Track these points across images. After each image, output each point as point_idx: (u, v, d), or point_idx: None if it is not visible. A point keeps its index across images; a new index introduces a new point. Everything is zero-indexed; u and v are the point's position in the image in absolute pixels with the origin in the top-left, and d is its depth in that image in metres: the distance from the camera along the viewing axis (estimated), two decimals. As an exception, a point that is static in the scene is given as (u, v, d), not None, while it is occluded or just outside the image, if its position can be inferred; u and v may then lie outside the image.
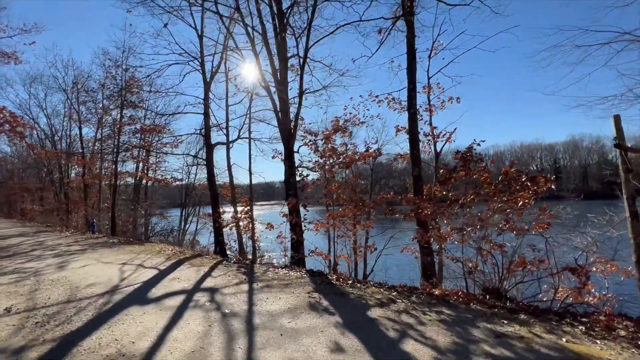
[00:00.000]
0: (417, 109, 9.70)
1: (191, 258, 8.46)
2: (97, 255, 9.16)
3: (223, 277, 6.15)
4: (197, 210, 28.95)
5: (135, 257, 8.70)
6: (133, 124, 17.29)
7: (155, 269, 7.01)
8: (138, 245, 11.15)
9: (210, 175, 13.62)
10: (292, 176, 9.54)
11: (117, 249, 10.33)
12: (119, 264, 7.74)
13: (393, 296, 4.78)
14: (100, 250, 10.19)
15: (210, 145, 13.87)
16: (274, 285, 5.45)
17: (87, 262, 8.10)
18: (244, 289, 5.27)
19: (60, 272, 6.96)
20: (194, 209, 28.67)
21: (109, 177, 20.94)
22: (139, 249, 10.23)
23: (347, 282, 5.65)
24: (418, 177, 8.84)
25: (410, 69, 9.04)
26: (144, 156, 19.13)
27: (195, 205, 28.48)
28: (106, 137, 19.89)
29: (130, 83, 16.57)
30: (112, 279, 6.19)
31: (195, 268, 6.98)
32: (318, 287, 5.25)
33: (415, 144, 8.98)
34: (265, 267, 7.02)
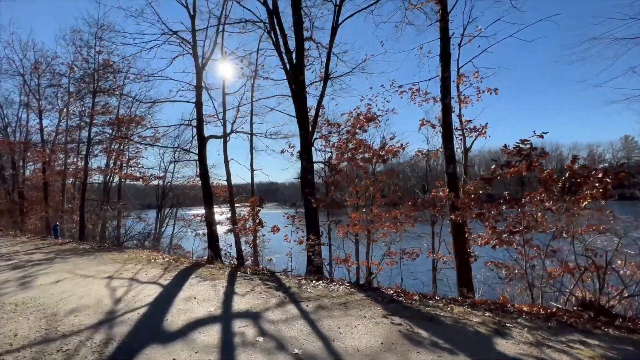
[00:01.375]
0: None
1: (194, 268, 6.98)
2: (70, 266, 7.40)
3: (253, 294, 4.83)
4: (175, 212, 26.72)
5: (121, 267, 7.08)
6: (108, 113, 15.18)
7: (156, 285, 5.51)
8: (118, 253, 9.39)
9: (203, 172, 12.00)
10: (309, 173, 8.35)
11: (94, 257, 8.55)
12: (103, 277, 6.13)
13: (492, 318, 3.76)
14: (73, 259, 8.36)
15: (203, 138, 12.26)
16: (328, 305, 4.24)
17: (59, 275, 6.39)
18: (292, 312, 4.02)
19: (25, 292, 5.27)
20: (171, 210, 26.42)
21: (74, 174, 18.49)
22: (122, 257, 8.52)
23: (412, 299, 4.56)
24: (453, 175, 7.96)
25: (444, 55, 8.17)
26: (119, 150, 16.92)
27: (172, 207, 26.24)
28: (73, 128, 17.48)
29: (105, 65, 14.53)
30: (102, 301, 4.67)
31: (208, 282, 5.58)
32: (389, 307, 4.12)
33: (450, 138, 8.10)
34: (295, 280, 5.76)
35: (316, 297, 4.60)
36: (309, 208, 8.23)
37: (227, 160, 11.33)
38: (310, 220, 8.22)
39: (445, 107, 8.13)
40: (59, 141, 19.26)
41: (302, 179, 8.32)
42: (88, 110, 14.64)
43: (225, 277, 5.99)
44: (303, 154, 8.29)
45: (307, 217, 8.23)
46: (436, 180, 10.18)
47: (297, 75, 8.05)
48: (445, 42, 8.16)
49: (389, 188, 7.36)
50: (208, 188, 12.06)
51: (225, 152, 11.44)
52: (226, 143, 11.62)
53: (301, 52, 8.33)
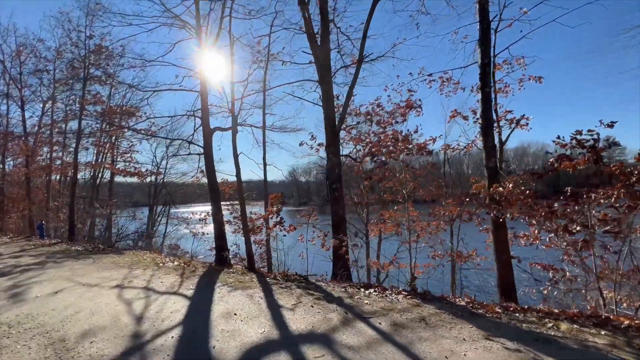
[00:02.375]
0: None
1: (214, 273, 6.12)
2: (66, 272, 6.42)
3: (303, 308, 4.03)
4: (168, 210, 25.49)
5: (128, 273, 6.15)
6: (100, 103, 13.95)
7: (179, 296, 4.65)
8: (117, 255, 8.42)
9: (209, 166, 11.04)
10: (337, 166, 7.57)
11: (92, 261, 7.56)
12: (111, 286, 5.21)
13: (614, 338, 3.10)
14: (68, 263, 7.35)
15: (208, 130, 11.30)
16: (404, 323, 3.50)
17: (57, 284, 5.43)
18: (367, 333, 3.26)
19: (19, 306, 4.33)
20: (164, 208, 25.17)
21: (61, 170, 17.14)
22: (124, 261, 7.57)
23: (495, 311, 3.87)
24: (494, 169, 7.33)
25: (484, 40, 7.50)
26: (112, 143, 15.65)
27: (166, 205, 25.00)
28: (60, 119, 16.12)
29: (97, 49, 13.33)
30: (120, 319, 3.79)
31: (241, 292, 4.74)
32: (480, 324, 3.41)
33: (490, 129, 7.46)
34: (339, 287, 4.99)
35: (382, 311, 3.85)
36: (337, 205, 7.47)
37: (236, 154, 10.37)
38: (339, 218, 7.46)
39: (485, 96, 7.47)
40: (43, 133, 17.80)
41: (329, 174, 7.53)
42: (78, 98, 13.40)
43: (257, 284, 5.16)
44: (330, 146, 7.51)
45: (335, 215, 7.47)
46: (460, 177, 9.57)
47: (324, 59, 7.25)
48: (485, 25, 7.50)
49: (430, 184, 6.68)
50: (215, 184, 11.11)
51: (234, 145, 10.47)
52: (235, 135, 10.67)
53: (326, 34, 7.53)
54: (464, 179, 8.80)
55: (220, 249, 10.40)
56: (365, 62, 6.96)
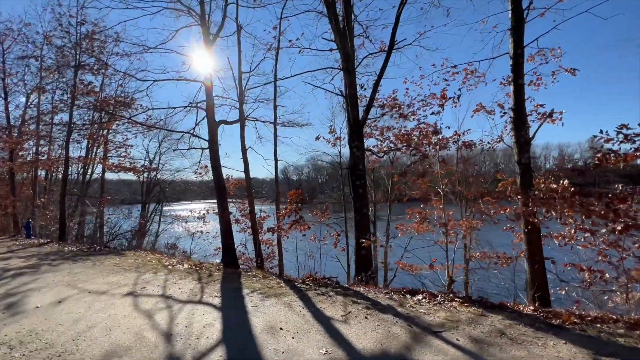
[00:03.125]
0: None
1: (233, 277, 5.53)
2: (66, 276, 5.74)
3: (357, 320, 3.52)
4: (161, 207, 24.56)
5: (137, 278, 5.51)
6: (93, 94, 13.03)
7: (205, 305, 4.07)
8: (117, 257, 7.72)
9: (215, 161, 10.38)
10: (361, 162, 7.07)
11: (92, 263, 6.86)
12: (123, 294, 4.58)
13: None
14: (65, 266, 6.64)
15: (213, 123, 10.63)
16: (484, 339, 3.03)
17: (58, 292, 4.77)
18: (454, 354, 2.77)
19: (18, 320, 3.68)
20: (157, 206, 24.24)
21: (49, 164, 16.10)
22: (127, 263, 6.90)
23: (571, 320, 3.45)
24: (527, 166, 6.94)
25: (517, 29, 7.11)
26: (104, 136, 14.69)
27: (159, 202, 24.07)
28: (47, 111, 15.10)
29: (91, 35, 12.45)
30: (145, 336, 3.20)
31: (276, 300, 4.19)
32: (573, 339, 2.96)
33: (523, 124, 7.06)
34: (382, 294, 4.49)
35: (449, 323, 3.37)
36: (361, 203, 6.97)
37: (244, 149, 9.79)
38: (362, 217, 6.97)
39: (518, 88, 7.06)
40: (28, 126, 16.69)
41: (352, 170, 7.02)
42: (70, 87, 12.47)
43: (289, 291, 4.62)
44: (353, 140, 6.99)
45: (358, 214, 6.97)
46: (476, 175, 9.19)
47: (348, 46, 6.72)
48: (518, 12, 7.10)
49: (466, 180, 6.26)
50: (221, 180, 10.46)
51: (242, 139, 9.88)
52: (243, 129, 10.04)
53: (350, 19, 7.01)
54: (474, 177, 8.45)
55: (228, 250, 9.80)
56: (391, 51, 6.45)
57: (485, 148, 8.12)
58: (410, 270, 6.40)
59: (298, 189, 7.50)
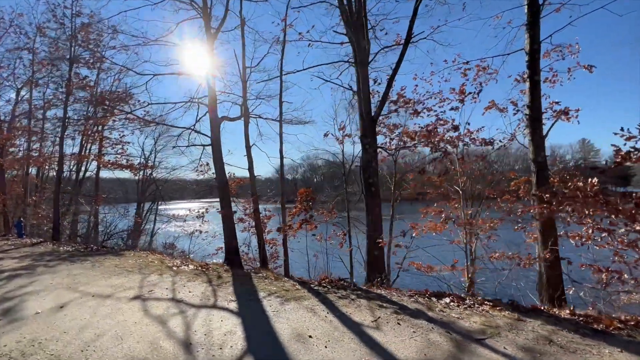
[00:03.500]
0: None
1: (245, 279, 5.25)
2: (65, 278, 5.39)
3: (393, 327, 3.27)
4: (156, 207, 24.03)
5: (142, 280, 5.19)
6: (90, 88, 12.59)
7: (220, 310, 3.79)
8: (116, 257, 7.37)
9: (218, 158, 10.07)
10: (374, 159, 6.85)
11: (91, 264, 6.50)
12: (129, 298, 4.27)
13: None
14: (63, 267, 6.28)
15: (216, 119, 10.31)
16: (544, 350, 2.79)
17: (58, 295, 4.43)
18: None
19: (17, 327, 3.36)
20: (153, 205, 23.72)
21: (42, 161, 15.58)
22: (129, 264, 6.57)
23: (613, 325, 3.26)
24: (543, 164, 6.80)
25: (534, 24, 6.95)
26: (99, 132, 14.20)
27: (155, 201, 23.54)
28: (39, 106, 14.56)
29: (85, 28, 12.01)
30: (161, 345, 2.91)
31: (296, 304, 3.92)
32: (637, 350, 2.77)
33: (539, 121, 6.92)
34: (407, 297, 4.26)
35: (490, 330, 3.15)
36: (374, 202, 6.75)
37: (248, 146, 9.50)
38: (375, 216, 6.74)
39: (534, 84, 6.91)
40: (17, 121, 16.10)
41: (365, 168, 6.79)
42: (64, 81, 11.97)
43: (308, 294, 4.36)
44: (366, 137, 6.75)
45: (371, 213, 6.74)
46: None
47: (362, 39, 6.48)
48: (535, 7, 6.94)
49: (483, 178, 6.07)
50: (224, 178, 10.16)
51: (246, 136, 9.59)
52: (247, 125, 9.74)
53: (362, 12, 6.76)
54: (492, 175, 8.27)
55: (231, 250, 9.49)
56: (409, 44, 6.23)
57: (496, 147, 7.96)
58: (427, 272, 6.19)
59: (308, 188, 7.22)
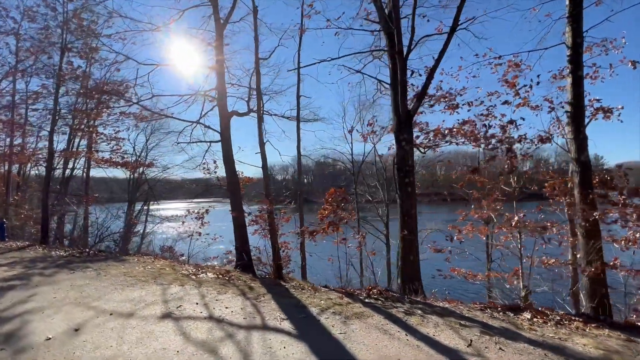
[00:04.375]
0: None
1: (279, 290, 4.62)
2: (69, 290, 4.63)
3: (500, 356, 2.74)
4: (147, 207, 22.90)
5: (163, 292, 4.49)
6: (86, 79, 11.61)
7: (274, 332, 3.17)
8: (120, 263, 6.61)
9: (228, 155, 9.37)
10: (410, 156, 6.34)
11: (96, 273, 5.72)
12: (157, 317, 3.59)
13: None
14: (62, 276, 5.49)
15: (226, 112, 9.62)
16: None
17: (68, 314, 3.70)
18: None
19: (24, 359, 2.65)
20: (145, 205, 22.59)
21: (27, 158, 14.44)
22: (138, 272, 5.83)
23: None
24: (587, 164, 6.45)
25: (576, 16, 6.58)
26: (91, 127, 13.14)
27: (147, 201, 22.42)
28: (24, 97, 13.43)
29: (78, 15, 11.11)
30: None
31: (361, 323, 3.34)
32: None
33: (582, 119, 6.57)
34: (479, 312, 3.74)
35: (616, 357, 2.66)
36: (409, 202, 6.24)
37: (262, 143, 8.79)
38: (410, 218, 6.23)
39: (577, 80, 6.54)
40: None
41: (400, 165, 6.27)
42: (54, 71, 10.97)
43: (367, 309, 3.77)
44: (402, 132, 6.23)
45: (405, 214, 6.23)
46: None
47: (399, 25, 5.97)
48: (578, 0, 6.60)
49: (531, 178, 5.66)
50: (234, 176, 9.47)
51: (260, 132, 8.87)
52: (261, 120, 9.06)
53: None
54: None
55: (243, 255, 8.80)
56: (454, 32, 5.74)
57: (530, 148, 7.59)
58: (468, 279, 5.72)
59: (340, 187, 6.59)
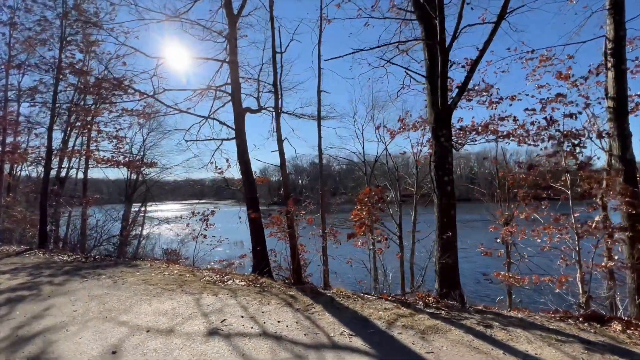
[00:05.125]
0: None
1: (324, 300, 4.18)
2: (88, 301, 4.11)
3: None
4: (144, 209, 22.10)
5: (196, 303, 4.00)
6: (86, 74, 10.97)
7: (349, 351, 2.72)
8: (134, 269, 6.10)
9: (243, 153, 8.90)
10: (449, 153, 5.97)
11: (112, 280, 5.19)
12: (203, 334, 3.11)
13: None
14: (74, 285, 4.95)
15: (240, 109, 9.14)
16: None
17: (97, 330, 3.20)
18: None
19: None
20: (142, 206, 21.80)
21: (20, 157, 13.69)
22: (156, 279, 5.32)
23: None
24: (631, 162, 6.20)
25: (618, 7, 6.33)
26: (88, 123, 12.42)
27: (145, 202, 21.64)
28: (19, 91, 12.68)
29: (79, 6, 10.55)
30: None
31: (447, 341, 2.92)
32: None
33: (625, 115, 6.31)
34: (559, 323, 3.37)
35: None
36: (448, 203, 5.86)
37: (280, 140, 8.31)
38: (450, 218, 5.85)
39: (620, 74, 6.28)
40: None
41: (438, 164, 5.89)
42: (53, 63, 10.29)
43: (439, 322, 3.35)
44: (440, 128, 5.85)
45: (445, 215, 5.85)
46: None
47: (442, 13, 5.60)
48: (620, -10, 6.34)
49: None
50: (250, 175, 9.00)
51: (278, 128, 8.38)
52: (279, 116, 8.58)
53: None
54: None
55: (261, 258, 8.34)
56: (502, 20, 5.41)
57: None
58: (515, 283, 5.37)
59: (378, 187, 6.10)
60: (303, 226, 8.82)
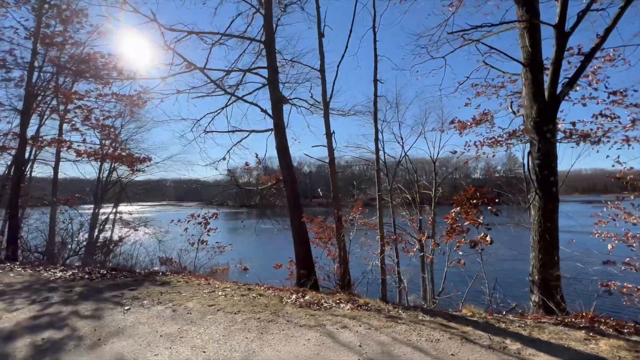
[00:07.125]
0: None
1: (466, 322, 3.24)
2: (169, 347, 2.78)
3: None
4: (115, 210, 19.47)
5: (328, 340, 2.86)
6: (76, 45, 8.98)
7: None
8: (169, 289, 4.71)
9: (283, 147, 7.65)
10: (554, 150, 5.35)
11: (162, 306, 3.81)
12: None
13: None
14: (117, 318, 3.52)
15: (278, 96, 7.90)
16: None
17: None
18: None
19: None
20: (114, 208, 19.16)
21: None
22: (222, 302, 4.03)
23: None
24: None
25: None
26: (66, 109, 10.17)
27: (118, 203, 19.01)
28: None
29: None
30: None
31: None
32: None
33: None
34: None
35: None
36: (553, 206, 5.22)
37: (329, 133, 7.27)
38: (552, 224, 5.20)
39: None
40: None
41: (541, 162, 5.22)
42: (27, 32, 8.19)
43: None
44: (546, 122, 5.20)
45: (549, 219, 5.19)
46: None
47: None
48: None
49: None
50: (291, 172, 7.78)
51: (327, 122, 7.33)
52: (327, 106, 7.51)
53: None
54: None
55: (308, 268, 7.16)
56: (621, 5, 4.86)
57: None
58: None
59: (480, 187, 5.21)
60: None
